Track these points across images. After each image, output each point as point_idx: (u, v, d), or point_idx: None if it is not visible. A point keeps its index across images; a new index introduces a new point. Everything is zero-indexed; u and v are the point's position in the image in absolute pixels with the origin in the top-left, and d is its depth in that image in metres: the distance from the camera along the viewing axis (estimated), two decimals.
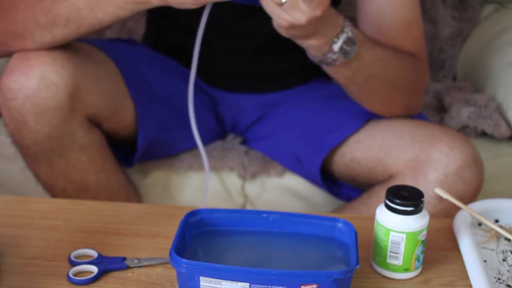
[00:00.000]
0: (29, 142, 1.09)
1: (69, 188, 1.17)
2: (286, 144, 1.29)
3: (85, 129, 1.13)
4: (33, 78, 1.05)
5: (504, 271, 0.90)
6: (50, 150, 1.11)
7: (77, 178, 1.16)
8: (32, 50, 1.06)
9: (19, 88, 1.05)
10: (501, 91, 1.44)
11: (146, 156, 1.26)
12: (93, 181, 1.17)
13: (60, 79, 1.06)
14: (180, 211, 0.93)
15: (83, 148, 1.14)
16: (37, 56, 1.05)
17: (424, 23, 1.65)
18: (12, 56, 1.08)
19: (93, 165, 1.16)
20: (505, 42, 1.52)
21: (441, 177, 1.07)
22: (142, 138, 1.20)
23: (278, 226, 0.91)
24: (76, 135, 1.11)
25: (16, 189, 1.31)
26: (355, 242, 0.85)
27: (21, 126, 1.08)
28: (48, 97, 1.05)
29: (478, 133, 1.35)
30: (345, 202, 1.26)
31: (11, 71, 1.06)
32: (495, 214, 1.01)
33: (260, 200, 1.30)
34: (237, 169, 1.29)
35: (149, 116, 1.21)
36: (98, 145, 1.17)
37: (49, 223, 1.00)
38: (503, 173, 1.32)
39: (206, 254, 0.87)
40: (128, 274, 0.90)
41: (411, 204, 0.87)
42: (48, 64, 1.05)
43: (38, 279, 0.87)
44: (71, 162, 1.14)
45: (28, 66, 1.05)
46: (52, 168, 1.14)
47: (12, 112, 1.07)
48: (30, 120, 1.07)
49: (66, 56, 1.07)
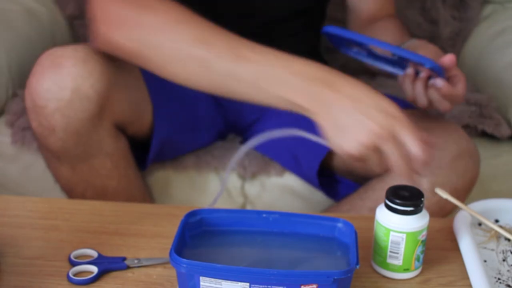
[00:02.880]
0: (55, 148, 1.08)
1: (88, 192, 1.16)
2: (284, 144, 1.29)
3: (112, 137, 1.11)
4: (67, 90, 1.02)
5: (504, 271, 0.90)
6: (76, 156, 1.10)
7: (98, 184, 1.15)
8: (66, 57, 1.02)
9: (51, 98, 1.02)
10: (501, 91, 1.44)
11: (156, 158, 1.25)
12: (113, 186, 1.16)
13: (93, 93, 1.03)
14: (180, 211, 0.93)
15: (109, 155, 1.12)
16: (72, 67, 1.02)
17: (424, 23, 1.65)
18: (42, 56, 1.04)
19: (117, 171, 1.15)
20: (505, 42, 1.52)
21: (434, 169, 1.07)
22: (157, 140, 1.20)
23: (278, 226, 0.91)
24: (103, 143, 1.10)
25: (16, 189, 1.31)
26: (355, 242, 0.85)
27: (48, 133, 1.06)
28: (80, 110, 1.03)
29: (478, 132, 1.35)
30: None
31: (42, 76, 1.03)
32: (495, 214, 1.01)
33: (260, 200, 1.30)
34: (237, 169, 1.29)
35: (164, 118, 1.20)
36: (123, 151, 1.15)
37: (49, 223, 1.00)
38: (503, 173, 1.32)
39: (206, 254, 0.87)
40: (128, 274, 0.90)
41: (411, 204, 0.87)
42: (83, 78, 1.02)
43: (38, 279, 0.87)
44: (95, 168, 1.13)
45: (62, 76, 1.02)
46: (74, 172, 1.13)
47: (41, 118, 1.05)
48: (59, 130, 1.05)
49: (101, 69, 1.03)
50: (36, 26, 1.52)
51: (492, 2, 1.68)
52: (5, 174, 1.31)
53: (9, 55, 1.40)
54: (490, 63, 1.52)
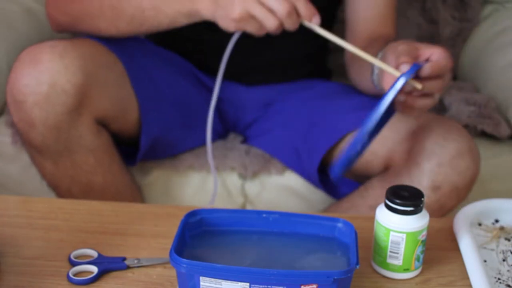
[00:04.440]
0: (36, 143, 1.10)
1: (74, 189, 1.17)
2: (286, 141, 1.29)
3: (93, 133, 1.13)
4: (44, 85, 1.05)
5: (504, 271, 0.90)
6: (57, 152, 1.11)
7: (83, 180, 1.16)
8: (44, 52, 1.06)
9: (29, 92, 1.05)
10: (501, 91, 1.44)
11: (148, 155, 1.26)
12: (98, 182, 1.17)
13: (70, 87, 1.06)
14: (180, 211, 0.93)
15: (91, 150, 1.14)
16: (49, 62, 1.06)
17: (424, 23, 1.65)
18: (22, 53, 1.09)
19: (100, 167, 1.16)
20: (505, 42, 1.52)
21: (434, 167, 1.07)
22: (145, 138, 1.21)
23: (278, 226, 0.91)
24: (84, 139, 1.12)
25: (16, 189, 1.31)
26: (355, 242, 0.85)
27: (29, 128, 1.08)
28: (58, 104, 1.06)
29: (478, 132, 1.35)
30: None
31: (21, 72, 1.06)
32: (495, 214, 1.01)
33: (260, 199, 1.30)
34: (238, 169, 1.29)
35: (152, 116, 1.21)
36: (105, 147, 1.17)
37: (49, 223, 1.00)
38: (503, 173, 1.32)
39: (206, 254, 0.87)
40: (128, 274, 0.90)
41: (411, 204, 0.87)
42: (60, 72, 1.05)
43: (38, 279, 0.87)
44: (78, 164, 1.14)
45: (39, 71, 1.05)
46: (58, 168, 1.14)
47: (21, 114, 1.07)
48: (38, 124, 1.07)
49: (78, 64, 1.07)
50: (36, 26, 1.52)
51: (492, 2, 1.67)
52: (5, 174, 1.31)
53: (9, 55, 1.40)
54: (490, 63, 1.52)
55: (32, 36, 1.49)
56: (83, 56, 1.09)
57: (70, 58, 1.07)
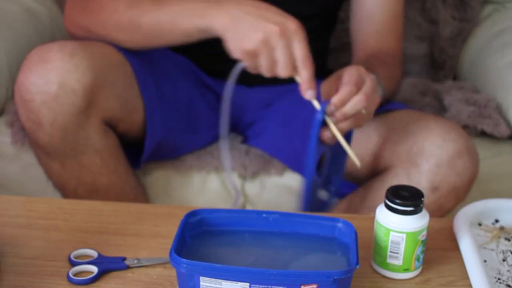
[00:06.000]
0: (43, 143, 1.09)
1: (80, 189, 1.16)
2: (286, 141, 1.29)
3: (100, 134, 1.12)
4: (53, 84, 1.04)
5: (504, 271, 0.90)
6: (64, 153, 1.11)
7: (88, 180, 1.15)
8: (53, 51, 1.05)
9: (38, 91, 1.04)
10: (501, 91, 1.44)
11: (152, 157, 1.26)
12: (104, 183, 1.17)
13: (80, 87, 1.05)
14: (180, 211, 0.93)
15: (98, 151, 1.13)
16: (58, 61, 1.04)
17: (424, 23, 1.65)
18: (31, 52, 1.07)
19: (106, 168, 1.16)
20: (505, 42, 1.52)
21: (433, 168, 1.07)
22: (150, 140, 1.20)
23: (278, 226, 0.91)
24: (91, 140, 1.11)
25: (16, 189, 1.31)
26: (355, 242, 0.85)
27: (36, 128, 1.07)
28: (67, 103, 1.05)
29: (477, 132, 1.36)
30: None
31: (29, 71, 1.05)
32: (495, 214, 1.01)
33: (260, 199, 1.30)
34: (238, 169, 1.29)
35: (157, 117, 1.21)
36: (112, 148, 1.16)
37: (49, 223, 1.00)
38: (503, 172, 1.32)
39: (206, 254, 0.87)
40: (128, 274, 0.90)
41: (411, 204, 0.87)
42: (70, 72, 1.04)
43: (38, 279, 0.87)
44: (85, 164, 1.13)
45: (48, 70, 1.04)
46: (64, 169, 1.14)
47: (29, 113, 1.07)
48: (46, 124, 1.06)
49: (88, 63, 1.06)
50: (36, 26, 1.52)
51: (492, 2, 1.68)
52: (5, 174, 1.31)
53: (9, 55, 1.40)
54: (490, 63, 1.52)
55: (32, 36, 1.49)
56: (93, 56, 1.08)
57: (79, 57, 1.06)
